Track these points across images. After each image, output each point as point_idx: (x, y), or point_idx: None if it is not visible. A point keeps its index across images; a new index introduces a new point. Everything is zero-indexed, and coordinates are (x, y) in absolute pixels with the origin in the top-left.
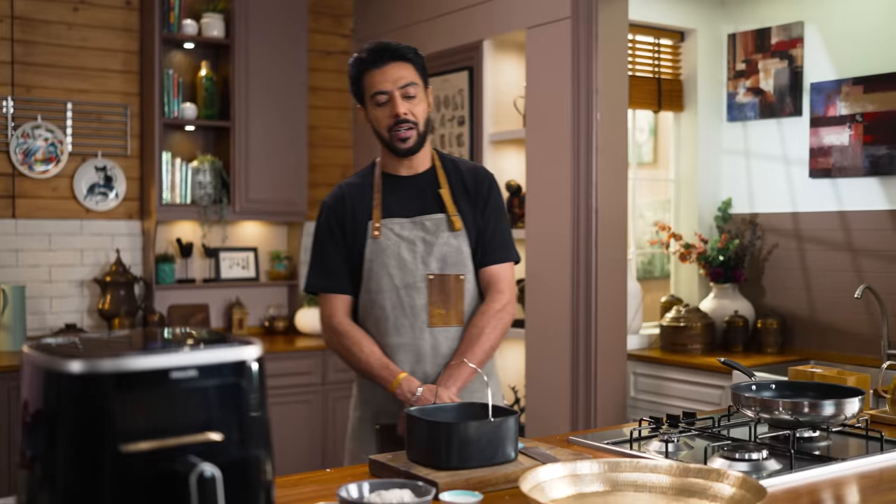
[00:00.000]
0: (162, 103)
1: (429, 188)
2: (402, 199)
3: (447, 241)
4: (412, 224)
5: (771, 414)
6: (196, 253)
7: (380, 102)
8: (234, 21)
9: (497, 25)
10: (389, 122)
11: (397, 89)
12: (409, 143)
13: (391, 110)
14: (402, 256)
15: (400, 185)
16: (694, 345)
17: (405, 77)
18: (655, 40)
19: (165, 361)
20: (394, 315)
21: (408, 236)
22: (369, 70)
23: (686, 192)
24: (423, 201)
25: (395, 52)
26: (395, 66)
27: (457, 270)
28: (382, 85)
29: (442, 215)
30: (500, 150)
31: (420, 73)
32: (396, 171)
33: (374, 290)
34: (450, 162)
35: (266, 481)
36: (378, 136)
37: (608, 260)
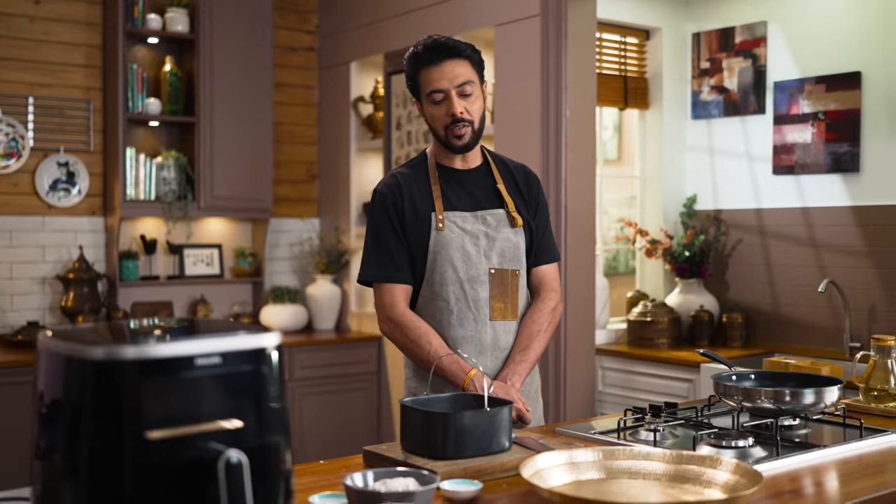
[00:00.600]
0: (126, 98)
1: (486, 183)
2: (460, 193)
3: (507, 237)
4: (474, 218)
5: (753, 403)
6: (160, 249)
7: (436, 101)
8: (198, 16)
9: (465, 22)
10: (446, 120)
11: (454, 88)
12: (464, 140)
13: (448, 109)
14: (467, 250)
15: (457, 179)
16: (661, 339)
17: (462, 75)
18: (622, 38)
19: (190, 348)
20: (457, 307)
21: (471, 230)
22: (426, 67)
23: (651, 189)
24: (481, 196)
25: (452, 49)
26: (451, 63)
27: (513, 266)
28: (439, 83)
29: (502, 211)
30: None
31: (477, 69)
32: (451, 163)
33: (437, 282)
34: (499, 160)
35: (285, 469)
36: (433, 132)
37: (577, 256)
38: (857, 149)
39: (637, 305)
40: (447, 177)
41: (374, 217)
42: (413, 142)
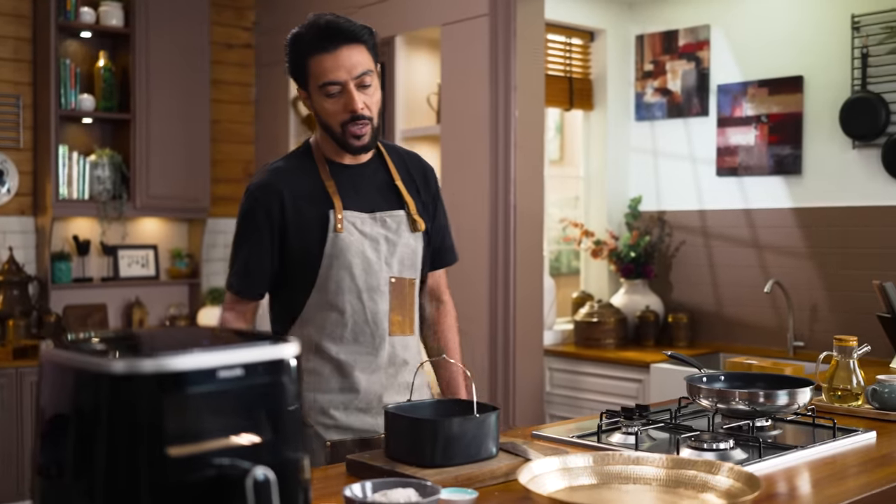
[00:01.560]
0: (58, 94)
1: (381, 180)
2: (353, 191)
3: (407, 242)
4: (372, 220)
5: (728, 404)
6: (94, 251)
7: (331, 94)
8: (134, 10)
9: (410, 21)
10: (344, 117)
11: (352, 80)
12: (363, 141)
13: (346, 104)
14: (367, 256)
15: (348, 175)
16: (607, 339)
17: (361, 64)
18: (567, 40)
19: (213, 360)
20: (353, 321)
21: (370, 233)
22: (317, 54)
23: (595, 190)
24: (377, 195)
25: (349, 33)
26: (349, 50)
27: (411, 274)
28: (335, 74)
29: (402, 212)
30: (413, 146)
31: (373, 55)
32: (340, 157)
33: (332, 290)
34: (393, 151)
35: (305, 480)
36: (325, 127)
37: (525, 256)
38: (799, 151)
39: (583, 306)
40: (336, 173)
41: (243, 220)
42: None
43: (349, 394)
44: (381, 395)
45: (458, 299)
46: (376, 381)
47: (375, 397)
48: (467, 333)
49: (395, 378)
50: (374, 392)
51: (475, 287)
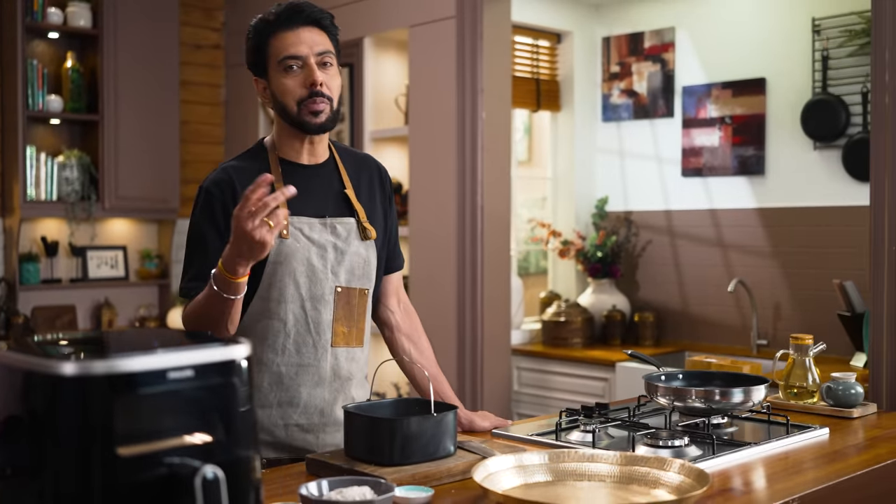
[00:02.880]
0: (25, 95)
1: (334, 185)
2: (304, 194)
3: (357, 251)
4: (322, 226)
5: (684, 402)
6: (62, 252)
7: (290, 68)
8: (101, 11)
9: (379, 23)
10: (302, 93)
11: (313, 55)
12: (321, 118)
13: (305, 78)
14: (312, 263)
15: (300, 176)
16: (575, 339)
17: (322, 44)
18: (534, 41)
19: (163, 362)
20: (295, 330)
21: (318, 240)
22: (279, 32)
23: (563, 190)
24: (329, 200)
25: (310, 15)
26: (310, 30)
27: (362, 284)
28: (296, 48)
29: (352, 220)
30: (381, 147)
31: (335, 44)
32: (297, 157)
33: (274, 298)
34: (346, 153)
35: (256, 480)
36: (282, 111)
37: (493, 256)
38: (763, 152)
39: (551, 306)
40: (289, 173)
41: (197, 219)
42: None
43: (288, 408)
44: (322, 409)
45: (425, 299)
46: (318, 396)
47: (317, 412)
48: (434, 333)
49: (339, 393)
50: (315, 406)
51: (442, 288)
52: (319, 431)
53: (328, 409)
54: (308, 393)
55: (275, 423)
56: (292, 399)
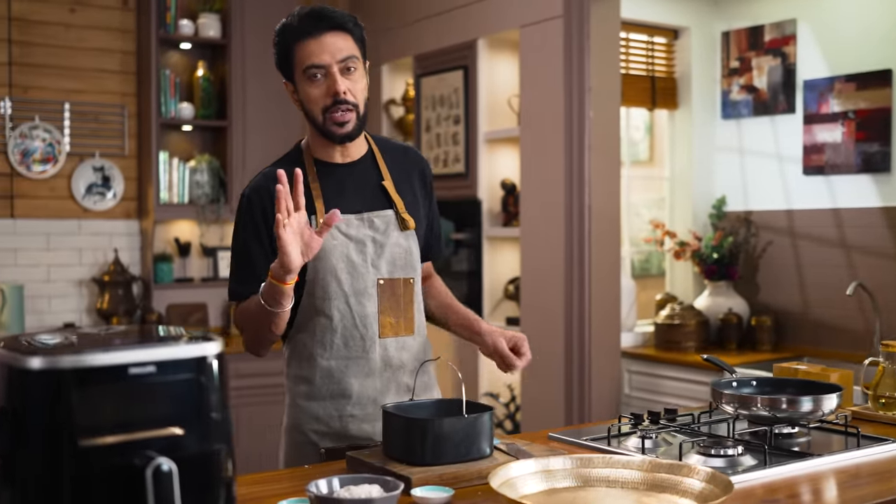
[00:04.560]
0: (159, 103)
1: (371, 179)
2: (341, 192)
3: (398, 242)
4: (359, 221)
5: (749, 410)
6: (194, 252)
7: (314, 77)
8: (230, 21)
9: (491, 24)
10: (326, 102)
11: (336, 63)
12: (347, 129)
13: (328, 88)
14: (352, 259)
15: (337, 175)
16: (688, 342)
17: (346, 49)
18: (649, 38)
19: (123, 358)
20: (342, 325)
21: (356, 235)
22: (302, 40)
23: (680, 190)
24: (366, 195)
25: (332, 19)
26: (333, 35)
27: (405, 274)
28: (319, 57)
29: (391, 212)
30: (495, 148)
31: (360, 45)
32: (330, 157)
33: (319, 296)
34: (385, 147)
35: (226, 478)
36: (310, 118)
37: (602, 258)
38: (888, 148)
39: (665, 308)
40: (326, 173)
41: (238, 225)
42: (443, 144)
43: (341, 399)
44: (376, 399)
45: (534, 300)
46: (370, 386)
47: (370, 402)
48: (542, 334)
49: (392, 381)
50: (367, 397)
51: (551, 289)
52: (375, 420)
53: (381, 398)
54: (359, 384)
55: (330, 415)
56: (344, 391)
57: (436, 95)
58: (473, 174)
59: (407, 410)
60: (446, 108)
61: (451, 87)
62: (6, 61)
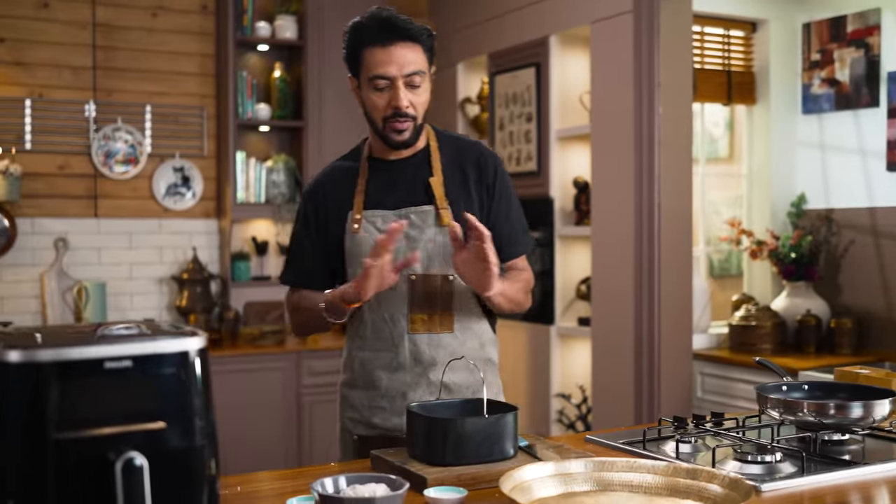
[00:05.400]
0: (236, 105)
1: (418, 175)
2: (388, 188)
3: (433, 238)
4: (396, 218)
5: (795, 415)
6: (271, 251)
7: (379, 87)
8: (306, 22)
9: (563, 20)
10: (387, 112)
11: (402, 77)
12: (403, 136)
13: (391, 100)
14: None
15: (387, 171)
16: (763, 345)
17: (413, 63)
18: (725, 32)
19: (99, 352)
20: (371, 319)
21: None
22: (372, 47)
23: (759, 188)
24: (410, 191)
25: (405, 31)
26: (403, 47)
27: (443, 269)
28: (386, 69)
29: (429, 207)
30: (567, 146)
31: (428, 56)
32: (385, 154)
33: None
34: (449, 142)
35: (208, 474)
36: (369, 119)
37: (672, 257)
38: None
39: (739, 309)
40: (380, 169)
41: (297, 217)
42: (516, 142)
43: (371, 390)
44: (405, 393)
45: (604, 301)
46: (399, 380)
47: (399, 395)
48: (612, 334)
49: (423, 377)
50: (396, 390)
51: (621, 289)
52: (403, 414)
53: (411, 392)
54: (388, 377)
55: (362, 404)
56: (373, 383)
57: (509, 93)
58: (545, 172)
59: (431, 410)
60: (519, 105)
61: (523, 84)
62: (91, 66)
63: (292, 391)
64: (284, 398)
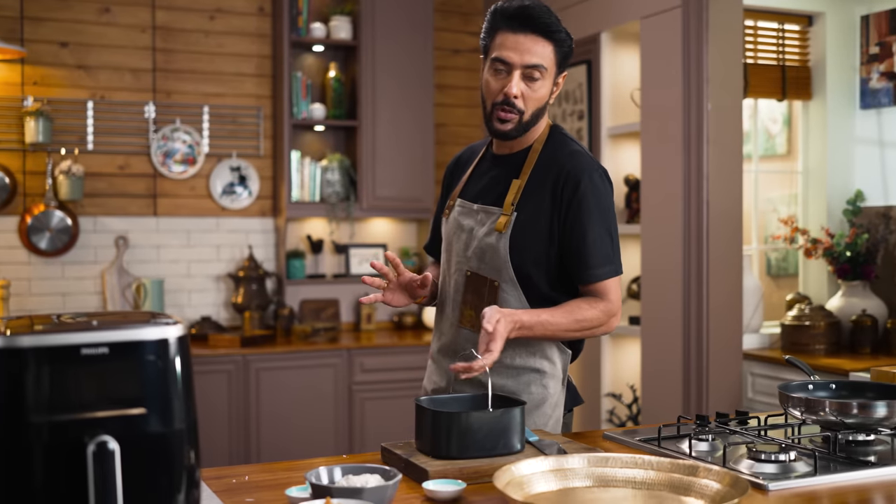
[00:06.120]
0: (291, 105)
1: (509, 173)
2: (481, 180)
3: (486, 239)
4: (473, 211)
5: (816, 414)
6: (326, 249)
7: (497, 69)
8: (360, 22)
9: (614, 16)
10: (497, 97)
11: (521, 66)
12: (506, 127)
13: (503, 85)
14: (451, 243)
15: (486, 164)
16: (817, 345)
17: (537, 56)
18: (780, 26)
19: (76, 339)
20: (441, 299)
21: (461, 222)
22: (504, 30)
23: (815, 185)
24: (494, 187)
25: (539, 23)
26: (532, 39)
27: (490, 274)
28: (509, 54)
29: (497, 209)
30: (619, 143)
31: (559, 56)
32: (497, 147)
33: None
34: (552, 147)
35: (186, 460)
36: (483, 103)
37: (721, 256)
38: None
39: (792, 309)
40: (486, 160)
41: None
42: None
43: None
44: (449, 378)
45: (653, 300)
46: (447, 364)
47: (444, 378)
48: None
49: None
50: (444, 373)
51: (670, 288)
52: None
53: (443, 382)
54: (440, 360)
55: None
56: (434, 363)
57: (562, 91)
58: None
59: (439, 403)
60: (571, 103)
61: (575, 81)
62: (150, 68)
63: (344, 387)
64: (336, 394)
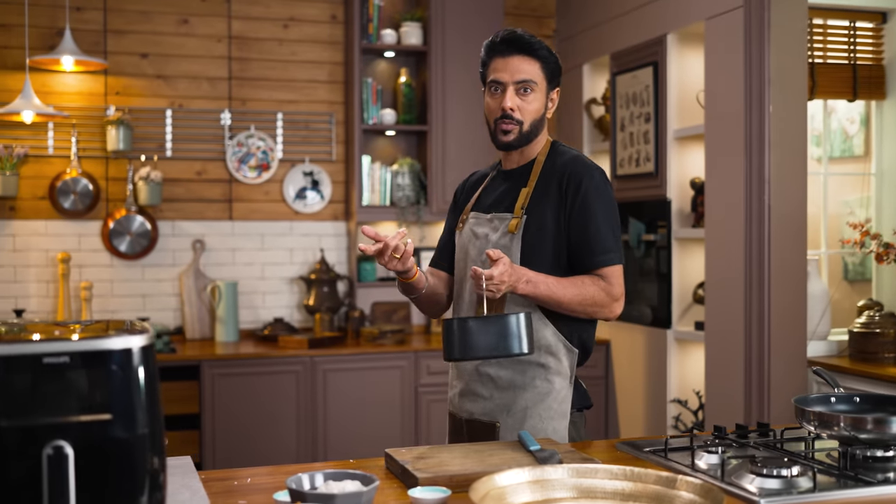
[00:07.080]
0: (362, 110)
1: (518, 184)
2: (493, 193)
3: (498, 242)
4: (487, 220)
5: (830, 429)
6: None
7: (493, 90)
8: (430, 28)
9: (679, 18)
10: (497, 114)
11: (513, 83)
12: (509, 138)
13: (500, 102)
14: (467, 250)
15: (498, 179)
16: (886, 353)
17: (525, 73)
18: (850, 24)
19: (38, 348)
20: (457, 304)
21: (477, 231)
22: (495, 57)
23: (889, 187)
24: (505, 197)
25: (523, 45)
26: (519, 59)
27: None
28: (500, 75)
29: (509, 215)
30: (684, 146)
31: (546, 71)
32: (505, 164)
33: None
34: (555, 156)
35: (150, 466)
36: (487, 122)
37: (784, 261)
38: None
39: (861, 315)
40: (497, 177)
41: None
42: (635, 143)
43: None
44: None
45: (717, 305)
46: (459, 365)
47: (454, 378)
48: (722, 339)
49: (465, 370)
50: (454, 375)
51: (732, 293)
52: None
53: (456, 381)
54: (457, 363)
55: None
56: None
57: (629, 93)
58: (663, 173)
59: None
60: (638, 105)
61: (642, 84)
62: (226, 76)
63: (410, 389)
64: (402, 395)
